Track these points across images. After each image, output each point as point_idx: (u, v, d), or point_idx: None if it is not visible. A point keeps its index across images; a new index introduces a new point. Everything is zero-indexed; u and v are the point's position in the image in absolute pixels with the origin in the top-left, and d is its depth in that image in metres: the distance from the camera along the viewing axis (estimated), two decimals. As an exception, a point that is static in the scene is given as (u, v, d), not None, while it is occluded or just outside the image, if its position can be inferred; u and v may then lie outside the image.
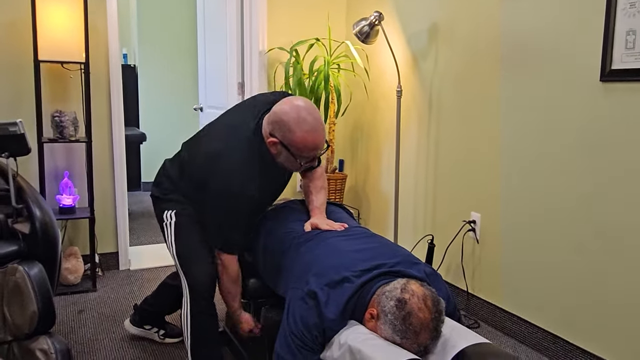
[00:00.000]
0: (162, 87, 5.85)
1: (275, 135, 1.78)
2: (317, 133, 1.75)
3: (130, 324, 2.50)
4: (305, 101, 1.78)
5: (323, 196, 2.04)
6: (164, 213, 2.03)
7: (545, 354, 2.46)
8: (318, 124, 1.75)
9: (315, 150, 1.78)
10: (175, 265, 2.03)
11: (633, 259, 2.07)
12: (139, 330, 2.49)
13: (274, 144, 1.79)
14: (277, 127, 1.77)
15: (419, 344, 1.40)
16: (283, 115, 1.75)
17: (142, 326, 2.48)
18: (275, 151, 1.82)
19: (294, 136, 1.74)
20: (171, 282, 2.38)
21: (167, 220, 2.01)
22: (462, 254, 2.90)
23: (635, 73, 2.02)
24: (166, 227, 2.02)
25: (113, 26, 3.21)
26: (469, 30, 2.79)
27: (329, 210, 2.05)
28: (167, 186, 2.05)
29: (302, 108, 1.74)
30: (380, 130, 3.56)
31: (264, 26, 3.59)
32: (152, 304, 2.44)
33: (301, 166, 1.84)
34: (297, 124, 1.73)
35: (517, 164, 2.55)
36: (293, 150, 1.77)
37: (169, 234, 2.01)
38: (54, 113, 2.96)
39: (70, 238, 3.25)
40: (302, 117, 1.73)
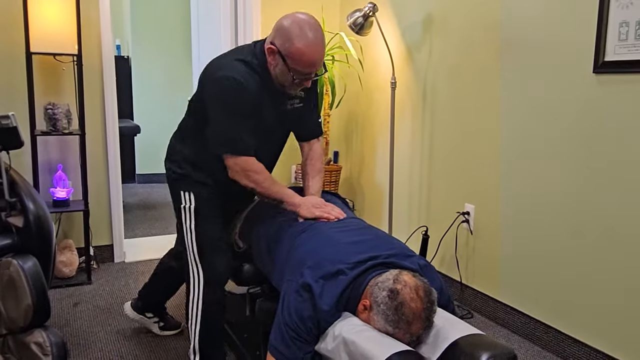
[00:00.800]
0: (156, 79, 5.82)
1: (274, 43, 1.76)
2: (316, 48, 1.73)
3: (131, 309, 2.47)
4: (310, 17, 1.77)
5: (319, 182, 2.04)
6: (181, 194, 1.97)
7: (538, 344, 2.48)
8: (319, 41, 1.74)
9: (311, 67, 1.76)
10: (188, 252, 1.97)
11: (627, 249, 2.09)
12: (139, 317, 2.47)
13: (272, 51, 1.77)
14: (278, 35, 1.75)
15: (411, 333, 1.41)
16: (286, 25, 1.74)
17: (144, 313, 2.47)
18: (273, 60, 1.78)
19: (292, 46, 1.72)
20: (169, 263, 2.36)
21: (186, 202, 1.96)
22: (456, 245, 2.91)
23: (628, 65, 2.02)
24: (184, 211, 1.96)
25: (106, 17, 3.19)
26: (463, 22, 2.79)
27: (325, 199, 2.06)
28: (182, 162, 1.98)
29: (306, 22, 1.73)
30: (375, 122, 3.56)
31: (257, 17, 3.58)
32: (150, 286, 2.43)
33: (294, 81, 1.79)
34: (298, 35, 1.71)
35: (511, 155, 2.56)
36: (289, 61, 1.74)
37: (186, 218, 1.96)
38: (46, 105, 2.95)
39: (64, 231, 3.25)
40: (304, 30, 1.72)
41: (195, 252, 1.95)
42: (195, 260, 1.95)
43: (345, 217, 1.89)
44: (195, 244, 1.95)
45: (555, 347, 2.40)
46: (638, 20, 1.98)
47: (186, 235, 1.97)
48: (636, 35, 1.99)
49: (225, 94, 1.77)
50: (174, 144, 2.06)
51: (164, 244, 3.73)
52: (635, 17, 1.98)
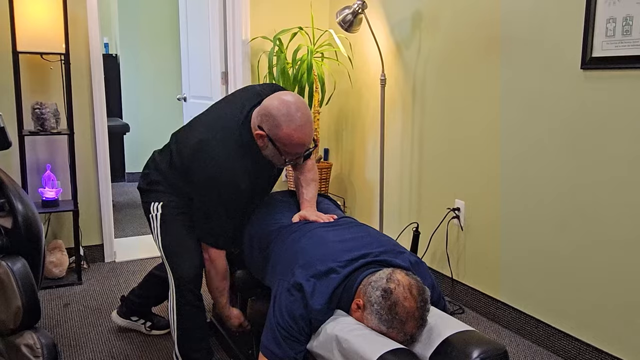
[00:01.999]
0: (145, 77, 5.79)
1: (262, 128, 1.78)
2: (304, 131, 1.75)
3: (117, 316, 2.49)
4: (295, 97, 1.77)
5: (313, 189, 2.04)
6: (150, 205, 2.02)
7: (528, 338, 2.51)
8: (306, 122, 1.75)
9: (301, 147, 1.78)
10: (161, 257, 2.03)
11: (616, 243, 2.11)
12: (126, 322, 2.48)
13: (261, 136, 1.79)
14: (265, 120, 1.76)
15: (405, 333, 1.42)
16: (272, 110, 1.74)
17: (129, 318, 2.48)
18: (262, 144, 1.82)
19: (280, 132, 1.74)
20: (158, 273, 2.38)
21: (154, 212, 2.00)
22: (447, 241, 2.93)
23: (615, 61, 2.04)
24: (153, 219, 2.01)
25: (93, 15, 3.16)
26: (452, 19, 2.80)
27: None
28: (155, 177, 2.04)
29: (291, 104, 1.74)
30: (365, 119, 3.56)
31: (246, 15, 3.57)
32: (139, 295, 2.44)
33: (285, 162, 1.84)
34: (286, 120, 1.72)
35: (500, 151, 2.58)
36: (279, 145, 1.77)
37: (155, 226, 2.00)
38: (34, 105, 2.92)
39: (54, 231, 3.23)
40: (291, 114, 1.72)
41: (164, 256, 1.99)
42: (167, 265, 1.99)
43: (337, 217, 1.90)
44: (163, 249, 1.99)
45: (545, 341, 2.42)
46: (625, 17, 1.99)
47: (156, 242, 2.02)
48: (623, 31, 2.00)
49: (216, 195, 1.82)
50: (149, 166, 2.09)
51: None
52: (622, 13, 2.00)
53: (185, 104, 4.35)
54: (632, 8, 1.96)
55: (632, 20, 1.97)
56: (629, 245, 2.06)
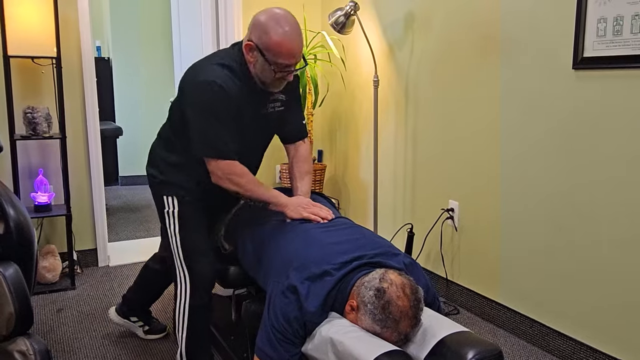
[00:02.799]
0: (137, 80, 5.77)
1: (252, 39, 1.76)
2: (293, 38, 1.73)
3: (116, 314, 2.46)
4: (285, 11, 1.77)
5: (308, 183, 2.03)
6: (164, 199, 1.96)
7: (523, 338, 2.51)
8: (295, 31, 1.74)
9: (290, 57, 1.75)
10: (174, 255, 1.96)
11: (611, 242, 2.12)
12: (124, 321, 2.45)
13: (251, 48, 1.76)
14: (254, 31, 1.75)
15: (399, 332, 1.42)
16: (261, 19, 1.75)
17: (128, 318, 2.45)
18: (252, 58, 1.78)
19: (269, 39, 1.71)
20: (154, 266, 2.35)
21: (169, 207, 1.95)
22: (441, 241, 2.93)
23: (606, 60, 2.05)
24: (168, 216, 1.95)
25: (85, 18, 3.15)
26: (444, 19, 2.80)
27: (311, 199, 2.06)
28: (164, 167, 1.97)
29: (280, 14, 1.74)
30: (359, 120, 3.56)
31: (239, 17, 3.56)
32: (136, 291, 2.41)
33: (275, 77, 1.78)
34: (274, 27, 1.71)
35: (494, 151, 2.58)
36: (268, 55, 1.73)
37: (171, 223, 1.95)
38: (25, 109, 2.90)
39: (47, 236, 3.21)
40: (279, 22, 1.72)
41: (180, 256, 1.94)
42: (182, 265, 1.94)
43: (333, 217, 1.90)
44: (181, 249, 1.93)
45: (540, 341, 2.43)
46: (615, 17, 2.00)
47: (171, 240, 1.96)
48: (614, 31, 2.01)
49: (206, 99, 1.76)
50: (155, 149, 2.05)
51: (149, 247, 3.71)
52: (613, 13, 2.01)
53: (178, 107, 4.34)
54: (622, 8, 1.97)
55: (623, 20, 1.98)
56: (624, 245, 2.06)
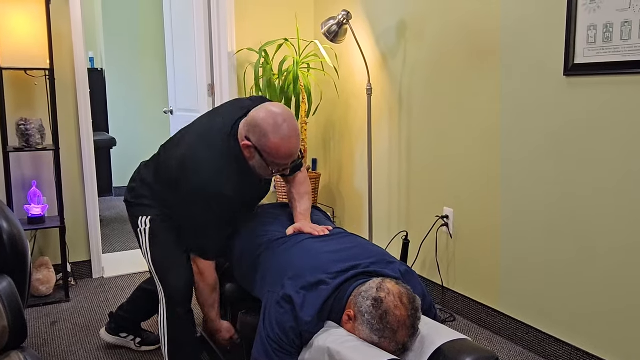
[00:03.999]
0: (131, 91, 5.77)
1: (249, 138, 1.78)
2: (291, 142, 1.75)
3: (106, 333, 2.46)
4: (282, 108, 1.78)
5: (307, 202, 2.04)
6: (138, 219, 2.01)
7: (520, 344, 2.51)
8: (293, 133, 1.75)
9: (287, 159, 1.78)
10: (150, 272, 2.02)
11: (605, 248, 2.13)
12: (115, 339, 2.45)
13: (248, 147, 1.79)
14: (252, 131, 1.77)
15: (397, 342, 1.41)
16: (259, 120, 1.75)
17: (118, 334, 2.45)
18: (249, 155, 1.82)
19: (267, 142, 1.73)
20: (147, 287, 2.36)
21: (142, 226, 2.00)
22: (437, 248, 2.93)
23: (597, 67, 2.06)
24: (141, 234, 2.00)
25: (77, 30, 3.15)
26: (436, 27, 2.82)
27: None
28: (142, 191, 2.03)
29: (278, 115, 1.74)
30: (352, 128, 3.57)
31: (232, 27, 3.57)
32: (127, 311, 2.41)
33: (272, 173, 1.85)
34: (272, 131, 1.73)
35: (488, 158, 2.59)
36: (265, 156, 1.77)
37: (144, 241, 2.00)
38: (19, 121, 2.89)
39: (40, 248, 3.19)
40: (277, 124, 1.73)
41: (154, 271, 1.99)
42: (157, 280, 1.98)
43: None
44: (152, 264, 1.99)
45: (537, 347, 2.43)
46: (605, 24, 2.02)
47: (145, 257, 2.02)
48: (604, 38, 2.03)
49: (206, 204, 1.81)
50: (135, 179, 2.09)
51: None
52: (603, 20, 2.03)
53: (172, 117, 4.34)
54: (611, 15, 1.99)
55: (612, 27, 2.00)
56: (618, 251, 2.07)
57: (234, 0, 3.55)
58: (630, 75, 1.97)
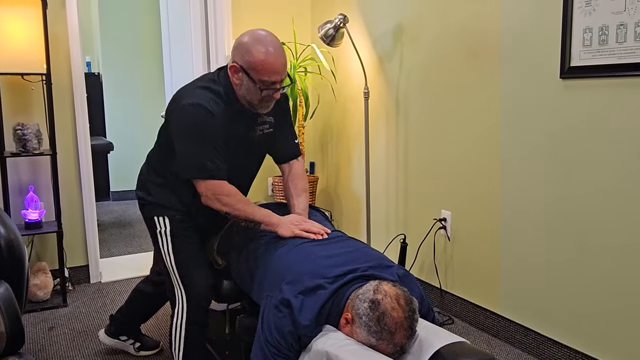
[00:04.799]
0: (128, 95, 5.76)
1: (236, 60, 1.77)
2: (277, 55, 1.74)
3: (105, 335, 2.44)
4: (267, 31, 1.79)
5: (305, 200, 2.02)
6: (155, 219, 1.96)
7: (518, 347, 2.51)
8: (277, 49, 1.75)
9: (275, 74, 1.75)
10: (170, 274, 1.96)
11: (603, 249, 2.13)
12: (114, 342, 2.43)
13: (235, 70, 1.77)
14: (237, 52, 1.77)
15: (395, 344, 1.41)
16: (243, 39, 1.77)
17: (118, 337, 2.43)
18: (237, 80, 1.79)
19: (252, 57, 1.73)
20: (143, 288, 2.35)
21: (161, 227, 1.95)
22: (434, 251, 2.93)
23: (593, 69, 2.07)
24: (160, 236, 1.96)
25: (74, 34, 3.15)
26: (433, 31, 2.83)
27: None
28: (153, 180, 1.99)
29: (262, 35, 1.77)
30: (350, 132, 3.57)
31: (229, 31, 3.58)
32: (126, 314, 2.40)
33: (262, 95, 1.78)
34: (256, 45, 1.73)
35: (485, 161, 2.60)
36: (253, 73, 1.74)
37: (164, 243, 1.95)
38: (15, 126, 2.89)
39: (38, 253, 3.18)
40: (261, 39, 1.74)
41: (176, 274, 1.94)
42: (178, 283, 1.94)
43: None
44: (176, 267, 1.93)
45: (535, 350, 2.43)
46: (601, 26, 2.03)
47: (166, 259, 1.96)
48: (599, 40, 2.04)
49: (192, 121, 1.76)
50: (144, 173, 2.07)
51: (141, 262, 3.69)
52: (598, 23, 2.04)
53: (169, 121, 4.34)
54: (607, 18, 2.00)
55: (608, 30, 2.01)
56: (616, 252, 2.08)
57: (231, 4, 3.56)
58: (625, 77, 1.98)
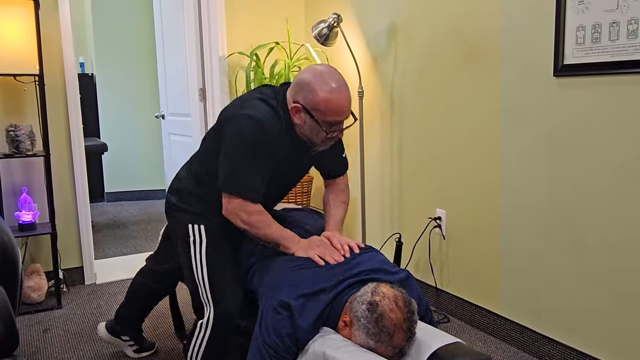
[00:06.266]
0: (122, 96, 5.74)
1: (298, 100, 1.69)
2: (341, 94, 1.67)
3: (106, 331, 2.40)
4: (327, 66, 1.72)
5: (342, 211, 1.96)
6: (189, 227, 1.85)
7: (514, 345, 2.51)
8: (342, 85, 1.68)
9: (340, 114, 1.69)
10: (199, 286, 1.84)
11: (598, 247, 2.14)
12: (113, 339, 2.41)
13: (297, 110, 1.69)
14: (300, 90, 1.68)
15: (394, 346, 1.40)
16: (306, 79, 1.67)
17: (120, 337, 2.40)
18: (299, 120, 1.71)
19: (317, 97, 1.65)
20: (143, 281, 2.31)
21: (195, 236, 1.84)
22: (430, 250, 2.94)
23: (586, 67, 2.08)
24: (193, 245, 1.84)
25: (67, 35, 3.13)
26: (426, 30, 2.83)
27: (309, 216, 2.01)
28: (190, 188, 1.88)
29: (324, 71, 1.68)
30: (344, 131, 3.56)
31: (222, 31, 3.57)
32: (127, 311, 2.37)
33: (327, 137, 1.72)
34: (321, 85, 1.65)
35: (480, 159, 2.60)
36: (316, 115, 1.67)
37: (196, 252, 1.84)
38: (8, 127, 2.88)
39: (32, 255, 3.16)
40: (325, 78, 1.66)
41: (206, 287, 1.82)
42: (207, 296, 1.82)
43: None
44: (208, 282, 1.81)
45: (530, 347, 2.43)
46: (593, 24, 2.04)
47: (196, 270, 1.84)
48: (593, 38, 2.05)
49: (245, 132, 1.68)
50: (182, 179, 1.96)
51: (136, 263, 3.65)
52: (591, 21, 2.04)
53: (163, 122, 4.33)
54: (600, 16, 2.01)
55: (601, 28, 2.01)
56: (611, 250, 2.08)
57: (225, 4, 3.55)
58: (618, 75, 1.99)
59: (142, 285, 2.34)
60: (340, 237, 1.79)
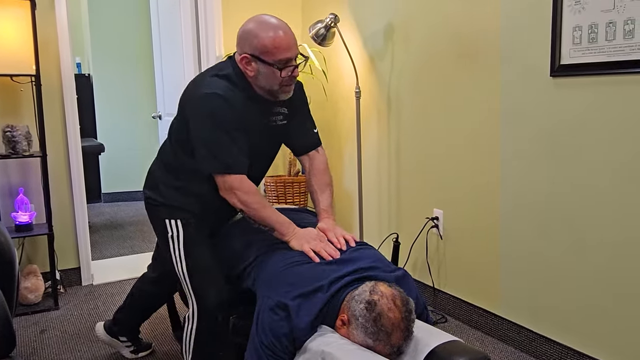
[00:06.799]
0: (118, 96, 5.73)
1: (245, 51, 1.69)
2: (285, 32, 1.68)
3: (104, 331, 2.39)
4: (266, 14, 1.74)
5: (329, 196, 1.94)
6: (166, 222, 1.85)
7: (511, 344, 2.52)
8: (282, 23, 1.69)
9: (288, 49, 1.68)
10: (182, 281, 1.86)
11: (596, 247, 2.14)
12: (110, 340, 2.40)
13: (247, 61, 1.69)
14: (244, 42, 1.70)
15: (392, 345, 1.41)
16: (245, 29, 1.71)
17: (117, 337, 2.39)
18: (252, 71, 1.71)
19: (261, 40, 1.66)
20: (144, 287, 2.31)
21: (173, 231, 1.84)
22: (427, 250, 2.94)
23: (583, 67, 2.08)
24: (172, 240, 1.85)
25: (64, 36, 3.13)
26: (423, 30, 2.83)
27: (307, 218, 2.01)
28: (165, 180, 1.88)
29: (261, 16, 1.71)
30: (341, 131, 3.57)
31: (219, 31, 3.57)
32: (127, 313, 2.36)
33: (281, 77, 1.70)
34: (261, 28, 1.67)
35: (477, 159, 2.60)
36: (266, 57, 1.66)
37: (175, 248, 1.84)
38: (5, 128, 2.87)
39: (28, 256, 3.16)
40: (263, 21, 1.68)
41: (188, 283, 1.83)
42: (189, 291, 1.84)
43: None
44: (188, 276, 1.83)
45: (527, 347, 2.44)
46: (590, 25, 2.04)
47: (177, 266, 1.86)
48: (589, 38, 2.05)
49: (210, 111, 1.68)
50: (155, 171, 1.96)
51: (133, 264, 3.67)
52: (588, 21, 2.05)
53: (160, 122, 4.32)
54: (596, 16, 2.01)
55: (597, 28, 2.02)
56: (609, 249, 2.09)
57: (221, 5, 3.54)
58: (615, 75, 1.99)
59: (142, 290, 2.33)
60: (336, 229, 1.80)
